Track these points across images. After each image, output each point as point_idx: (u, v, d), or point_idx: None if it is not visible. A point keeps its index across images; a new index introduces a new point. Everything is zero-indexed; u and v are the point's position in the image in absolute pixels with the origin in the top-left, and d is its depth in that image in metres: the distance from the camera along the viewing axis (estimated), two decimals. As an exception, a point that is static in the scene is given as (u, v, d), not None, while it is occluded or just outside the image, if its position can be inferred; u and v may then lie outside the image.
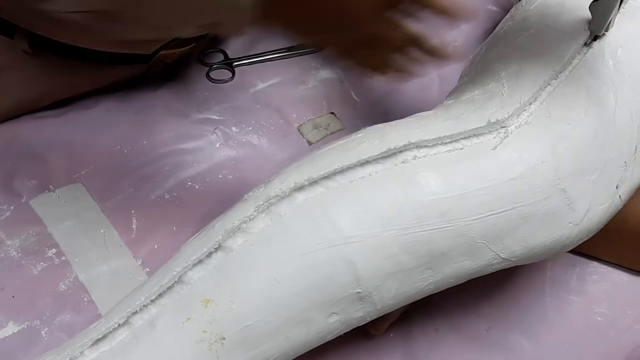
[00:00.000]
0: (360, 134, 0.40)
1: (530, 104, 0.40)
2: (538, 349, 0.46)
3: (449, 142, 0.38)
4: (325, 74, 0.64)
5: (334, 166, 0.37)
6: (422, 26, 0.45)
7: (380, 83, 0.65)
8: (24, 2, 0.44)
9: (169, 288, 0.36)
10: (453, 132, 0.38)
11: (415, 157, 0.38)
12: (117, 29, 0.46)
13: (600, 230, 0.45)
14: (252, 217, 0.37)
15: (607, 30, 0.41)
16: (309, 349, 0.38)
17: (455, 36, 0.70)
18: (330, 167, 0.37)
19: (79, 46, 0.50)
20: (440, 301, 0.47)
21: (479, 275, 0.40)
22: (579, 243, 0.41)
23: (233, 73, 0.63)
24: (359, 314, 0.37)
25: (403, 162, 0.38)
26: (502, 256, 0.39)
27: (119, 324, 0.36)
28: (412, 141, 0.37)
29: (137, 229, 0.50)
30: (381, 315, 0.38)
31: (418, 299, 0.39)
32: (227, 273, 0.36)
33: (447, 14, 0.42)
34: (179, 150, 0.56)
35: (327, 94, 0.63)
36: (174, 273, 0.37)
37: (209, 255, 0.37)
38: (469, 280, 0.44)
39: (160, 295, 0.36)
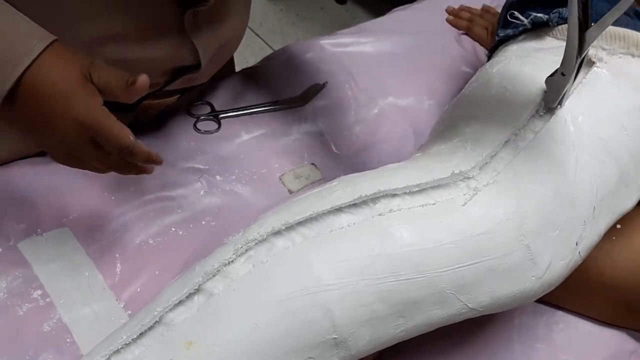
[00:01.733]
0: (335, 183, 0.43)
1: (491, 157, 0.43)
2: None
3: (418, 194, 0.41)
4: (308, 127, 0.68)
5: (308, 212, 0.40)
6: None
7: (358, 138, 0.68)
8: None
9: (150, 328, 0.38)
10: (420, 181, 0.41)
11: (390, 210, 0.41)
12: None
13: (565, 283, 0.48)
14: (231, 260, 0.39)
15: (560, 103, 0.45)
16: (286, 393, 0.39)
17: (430, 95, 0.74)
18: (305, 213, 0.40)
19: None
20: (411, 349, 0.49)
21: (448, 324, 0.42)
22: (542, 295, 0.44)
23: (219, 124, 0.66)
24: (334, 359, 0.39)
25: (380, 214, 0.40)
26: (470, 306, 0.41)
27: (101, 362, 0.37)
28: (382, 189, 0.40)
29: (120, 272, 0.52)
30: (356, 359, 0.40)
31: (390, 344, 0.41)
32: (210, 317, 0.38)
33: None
34: (164, 197, 0.58)
35: (308, 145, 0.66)
36: (155, 313, 0.38)
37: (189, 296, 0.39)
38: (440, 328, 0.46)
39: (141, 334, 0.38)
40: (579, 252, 0.44)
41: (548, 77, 0.43)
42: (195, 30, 0.53)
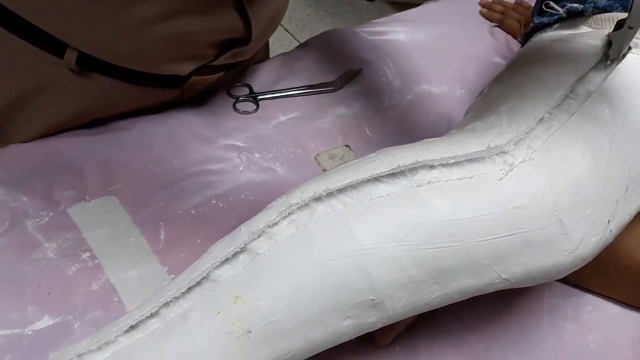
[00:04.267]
0: (373, 154, 0.45)
1: (526, 133, 0.44)
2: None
3: (455, 166, 0.42)
4: (342, 110, 0.70)
5: (348, 180, 0.42)
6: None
7: (391, 122, 0.70)
8: None
9: (198, 283, 0.40)
10: (456, 154, 0.43)
11: (429, 182, 0.42)
12: None
13: (595, 264, 0.49)
14: (275, 222, 0.41)
15: (624, 56, 0.47)
16: (324, 349, 0.41)
17: (462, 84, 0.76)
18: (345, 181, 0.42)
19: (123, 67, 0.55)
20: (444, 320, 0.51)
21: (481, 294, 0.44)
22: (573, 270, 0.45)
23: (257, 105, 0.68)
24: (371, 320, 0.41)
25: (418, 185, 0.42)
26: (503, 276, 0.42)
27: (151, 314, 0.40)
28: (420, 160, 0.42)
29: (164, 240, 0.54)
30: (391, 322, 0.42)
31: (425, 310, 0.43)
32: (256, 274, 0.40)
33: None
34: (205, 171, 0.60)
35: (342, 128, 0.68)
36: (203, 269, 0.40)
37: (235, 255, 0.41)
38: (472, 303, 0.48)
39: (189, 289, 0.40)
40: (611, 230, 0.45)
41: (612, 32, 0.45)
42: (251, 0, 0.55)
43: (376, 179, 0.42)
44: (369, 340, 0.49)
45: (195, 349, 0.38)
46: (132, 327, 0.40)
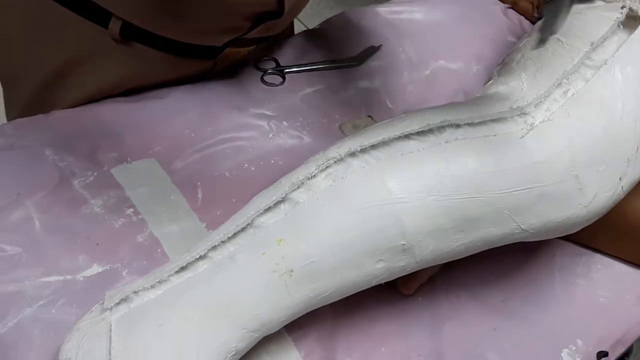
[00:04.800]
0: (403, 115, 0.48)
1: (545, 97, 0.48)
2: (547, 319, 0.53)
3: (480, 125, 0.46)
4: (364, 84, 0.73)
5: (380, 137, 0.45)
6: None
7: (412, 95, 0.73)
8: None
9: (243, 229, 0.44)
10: (481, 113, 0.46)
11: (456, 139, 0.46)
12: None
13: (604, 225, 0.53)
14: (314, 174, 0.45)
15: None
16: (357, 290, 0.45)
17: (477, 61, 0.79)
18: (377, 138, 0.45)
19: (163, 37, 0.59)
20: (462, 275, 0.54)
21: (502, 244, 0.47)
22: (587, 224, 0.49)
23: (284, 78, 0.72)
24: (401, 264, 0.44)
25: (446, 142, 0.46)
26: (523, 227, 0.46)
27: (200, 256, 0.43)
28: (448, 119, 0.45)
29: (202, 199, 0.58)
30: (418, 268, 0.46)
31: (450, 259, 0.46)
32: (297, 221, 0.44)
33: None
34: (237, 138, 0.64)
35: (365, 100, 0.71)
36: (247, 216, 0.44)
37: (277, 204, 0.44)
38: (489, 259, 0.51)
39: (235, 234, 0.44)
40: (622, 187, 0.49)
41: (544, 4, 0.48)
42: None
43: (407, 136, 0.46)
44: (393, 290, 0.53)
45: (243, 285, 0.42)
46: (182, 268, 0.44)
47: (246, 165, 0.61)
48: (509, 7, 0.91)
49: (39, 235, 0.52)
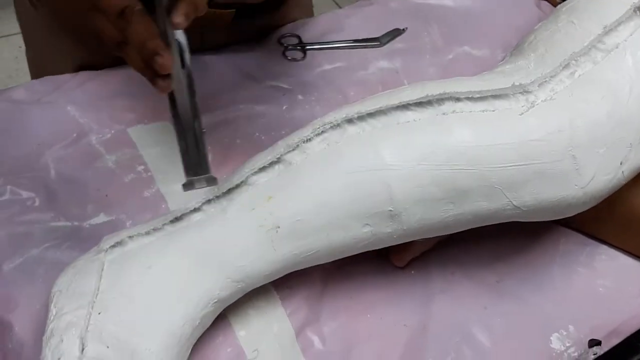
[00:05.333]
0: (405, 86, 0.49)
1: (551, 77, 0.47)
2: (541, 302, 0.52)
3: (480, 100, 0.46)
4: (384, 64, 0.73)
5: (378, 105, 0.46)
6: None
7: (431, 78, 0.73)
8: None
9: (237, 186, 0.46)
10: (482, 88, 0.46)
11: (454, 111, 0.46)
12: None
13: (612, 216, 0.52)
14: (309, 138, 0.46)
15: None
16: (345, 254, 0.46)
17: (504, 49, 0.78)
18: (375, 106, 0.46)
19: None
20: (458, 252, 0.55)
21: (493, 221, 0.47)
22: (583, 208, 0.48)
23: (305, 54, 0.73)
24: (388, 230, 0.45)
25: (443, 114, 0.46)
26: (515, 203, 0.46)
27: (195, 209, 0.45)
28: (447, 91, 0.46)
29: (210, 162, 0.59)
30: (406, 237, 0.46)
31: (440, 230, 0.47)
32: (287, 180, 0.45)
33: None
34: (251, 108, 0.65)
35: (383, 79, 0.71)
36: (242, 174, 0.46)
37: (271, 164, 0.46)
38: (488, 241, 0.51)
39: (229, 190, 0.46)
40: (623, 172, 0.48)
41: None
42: None
43: (405, 106, 0.46)
44: (386, 262, 0.53)
45: (231, 237, 0.44)
46: (176, 219, 0.46)
47: (257, 134, 0.63)
48: (543, -1, 0.90)
49: (53, 183, 0.55)
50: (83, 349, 0.36)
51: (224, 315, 0.48)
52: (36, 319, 0.46)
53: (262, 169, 0.46)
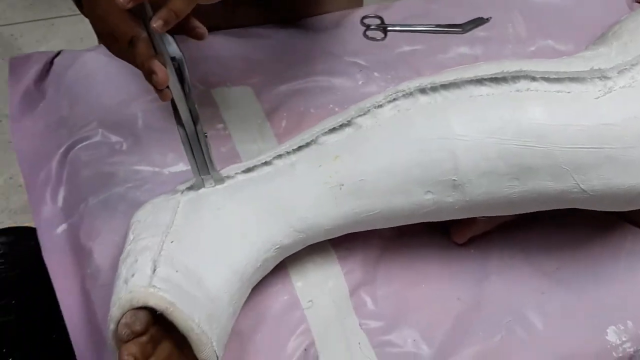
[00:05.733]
0: (481, 62, 0.49)
1: (632, 65, 0.46)
2: (601, 295, 0.51)
3: (556, 82, 0.46)
4: (464, 50, 0.74)
5: (452, 78, 0.46)
6: None
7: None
8: None
9: (307, 144, 0.48)
10: (559, 70, 0.46)
11: (528, 89, 0.46)
12: None
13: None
14: (381, 104, 0.47)
15: None
16: (403, 221, 0.47)
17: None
18: (450, 78, 0.46)
19: None
20: (520, 237, 0.54)
21: (559, 204, 0.47)
22: (655, 199, 0.47)
23: (385, 35, 0.74)
24: (450, 200, 0.46)
25: (517, 90, 0.46)
26: (582, 187, 0.45)
27: (265, 162, 0.48)
28: (524, 69, 0.46)
29: (284, 127, 0.62)
30: (468, 209, 0.47)
31: (503, 207, 0.47)
32: (355, 142, 0.47)
33: None
34: (327, 80, 0.67)
35: (461, 64, 0.70)
36: (312, 134, 0.48)
37: (341, 126, 0.47)
38: (553, 230, 0.51)
39: (299, 147, 0.48)
40: (701, 165, 0.46)
41: None
42: None
43: (479, 80, 0.47)
44: (446, 237, 0.54)
45: (297, 189, 0.46)
46: (248, 169, 0.48)
47: (331, 105, 0.65)
48: (636, 1, 0.87)
49: (140, 131, 0.59)
50: (155, 270, 0.39)
51: (284, 266, 0.50)
52: (113, 249, 0.50)
53: (332, 130, 0.48)
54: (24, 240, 0.71)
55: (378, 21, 0.76)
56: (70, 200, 0.55)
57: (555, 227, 0.55)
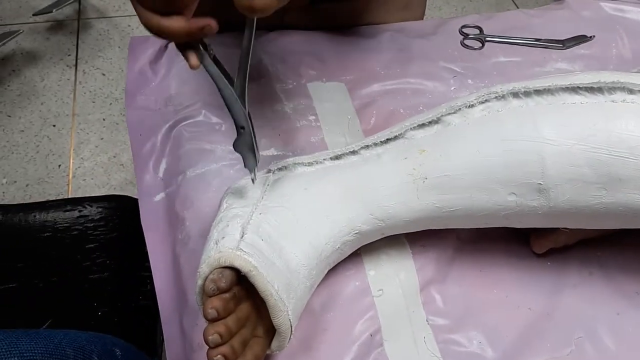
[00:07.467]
0: (578, 71, 0.49)
1: None
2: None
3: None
4: (563, 65, 0.73)
5: (547, 84, 0.47)
6: None
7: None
8: None
9: (395, 137, 0.49)
10: (660, 85, 0.45)
11: (624, 101, 0.45)
12: None
13: None
14: (472, 104, 0.48)
15: None
16: (483, 221, 0.47)
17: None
18: (544, 84, 0.47)
19: None
20: (601, 255, 0.53)
21: (647, 219, 0.46)
22: None
23: (483, 44, 0.75)
24: (533, 204, 0.46)
25: (612, 101, 0.46)
26: (675, 204, 0.44)
27: (352, 151, 0.50)
28: (621, 81, 0.45)
29: (373, 124, 0.64)
30: (551, 216, 0.46)
31: (587, 218, 0.46)
32: (443, 138, 0.48)
33: None
34: (420, 83, 0.69)
35: (558, 80, 0.71)
36: (401, 127, 0.49)
37: (430, 123, 0.49)
38: (634, 249, 0.49)
39: (387, 140, 0.50)
40: None
41: None
42: None
43: (574, 89, 0.47)
44: (523, 247, 0.54)
45: (381, 178, 0.48)
46: (336, 157, 0.51)
47: (421, 107, 0.66)
48: None
49: (238, 115, 0.63)
50: (243, 236, 0.42)
51: (359, 254, 0.52)
52: (204, 219, 0.54)
53: (421, 125, 0.49)
54: (123, 208, 0.77)
55: (477, 31, 0.77)
56: (170, 172, 0.60)
57: (638, 250, 0.54)
